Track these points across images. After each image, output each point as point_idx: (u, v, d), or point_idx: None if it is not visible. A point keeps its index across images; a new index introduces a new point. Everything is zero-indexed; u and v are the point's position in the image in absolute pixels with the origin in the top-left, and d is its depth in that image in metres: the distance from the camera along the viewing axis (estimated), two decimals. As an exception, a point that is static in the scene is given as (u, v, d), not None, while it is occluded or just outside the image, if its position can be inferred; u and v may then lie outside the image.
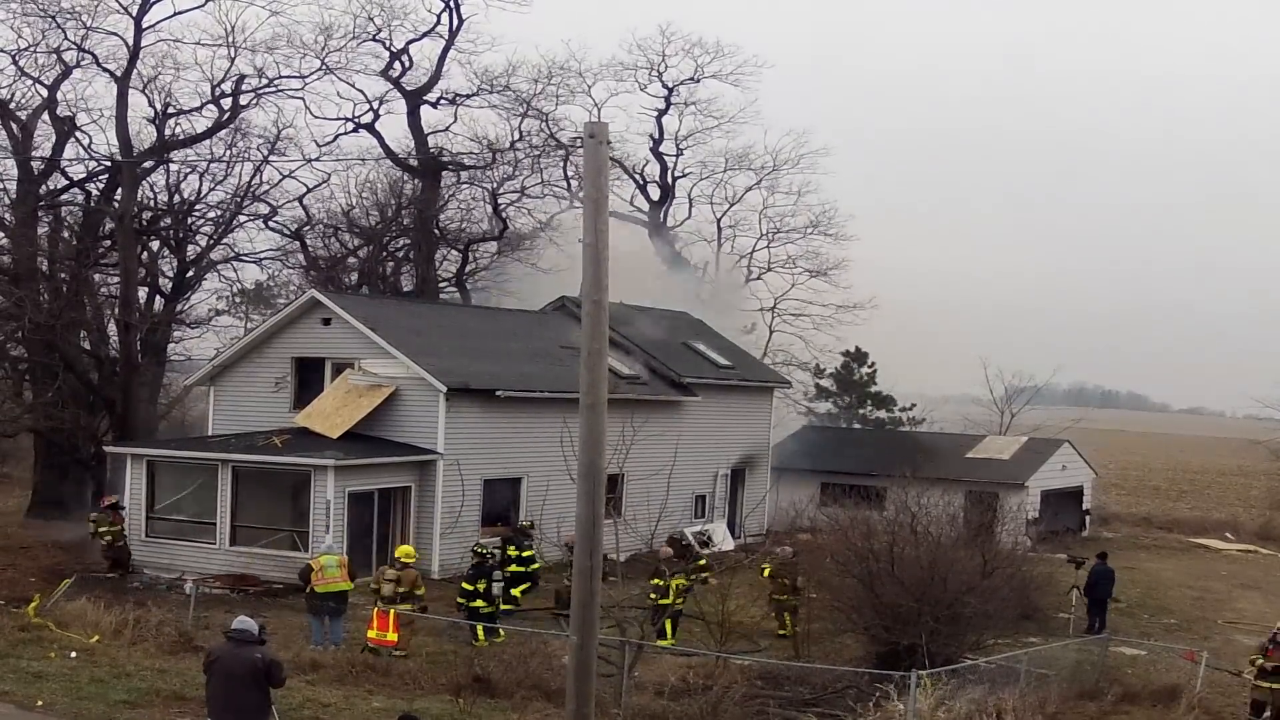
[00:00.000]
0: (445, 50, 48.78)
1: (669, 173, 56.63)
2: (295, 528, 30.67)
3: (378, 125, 49.69)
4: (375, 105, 49.34)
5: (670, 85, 54.89)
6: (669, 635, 24.31)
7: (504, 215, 53.11)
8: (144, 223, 45.30)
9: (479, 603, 24.67)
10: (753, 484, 43.16)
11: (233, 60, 43.73)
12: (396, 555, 25.33)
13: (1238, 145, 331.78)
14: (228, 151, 45.07)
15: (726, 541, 39.52)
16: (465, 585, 25.07)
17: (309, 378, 34.50)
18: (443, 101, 50.13)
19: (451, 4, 48.13)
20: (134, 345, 42.48)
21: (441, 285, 51.86)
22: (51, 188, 44.07)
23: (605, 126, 13.91)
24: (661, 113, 55.42)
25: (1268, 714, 20.59)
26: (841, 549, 24.39)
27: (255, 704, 14.51)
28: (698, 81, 54.91)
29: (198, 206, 46.29)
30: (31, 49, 41.47)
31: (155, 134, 44.10)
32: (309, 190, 49.20)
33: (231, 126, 44.97)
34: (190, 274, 46.54)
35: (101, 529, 31.54)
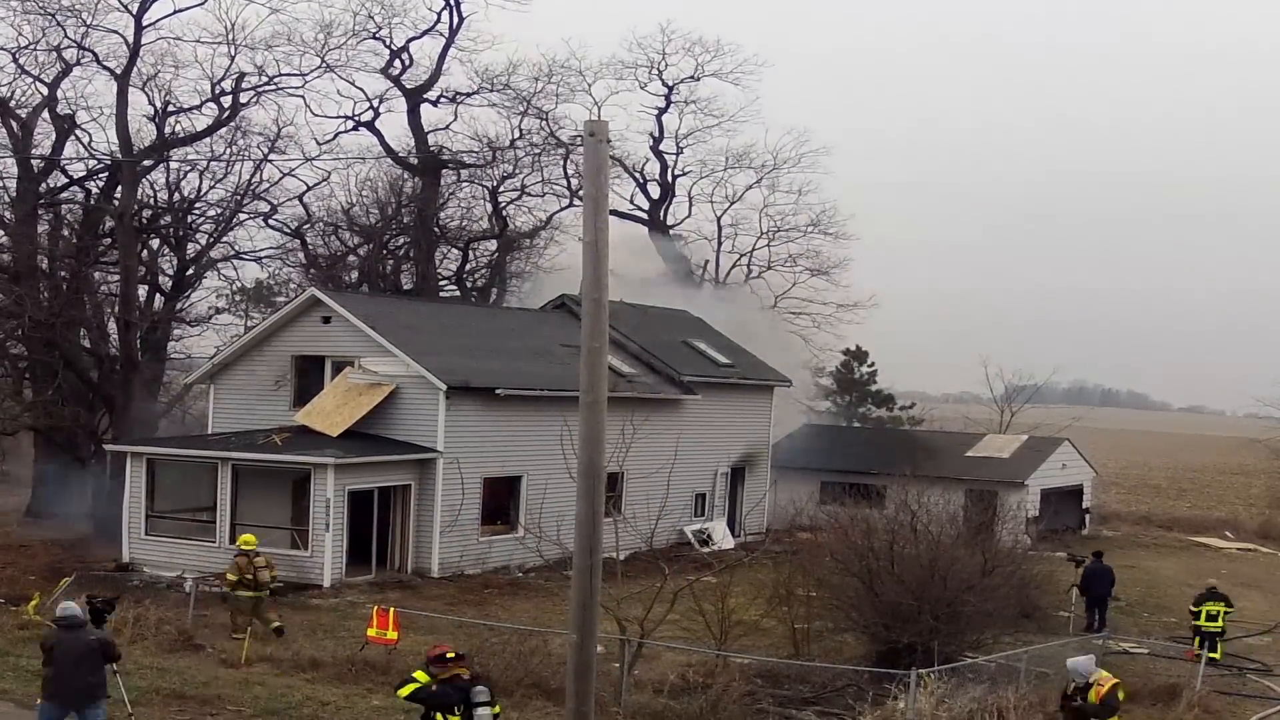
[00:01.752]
0: (445, 48, 48.89)
1: (669, 171, 56.67)
2: (295, 526, 30.71)
3: (378, 123, 49.84)
4: (375, 103, 49.48)
5: (670, 84, 54.96)
6: None
7: (504, 214, 53.18)
8: (144, 221, 45.31)
9: None
10: (753, 482, 43.15)
11: (233, 58, 43.84)
12: (242, 544, 25.13)
13: (1240, 143, 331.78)
14: (228, 149, 45.14)
15: (726, 540, 39.55)
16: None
17: (309, 376, 34.48)
18: (443, 100, 50.24)
19: (451, 2, 48.25)
20: (134, 343, 42.50)
21: (441, 284, 51.88)
22: (51, 185, 44.10)
23: (605, 125, 13.90)
24: (661, 111, 55.47)
25: None
26: (841, 547, 24.37)
27: (95, 684, 15.15)
28: (698, 80, 55.02)
29: (198, 204, 46.32)
30: (31, 46, 41.56)
31: (155, 132, 44.13)
32: (309, 188, 49.29)
33: (232, 124, 45.03)
34: (190, 272, 46.55)
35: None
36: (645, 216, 56.59)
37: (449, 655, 13.90)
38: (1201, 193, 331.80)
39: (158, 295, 45.97)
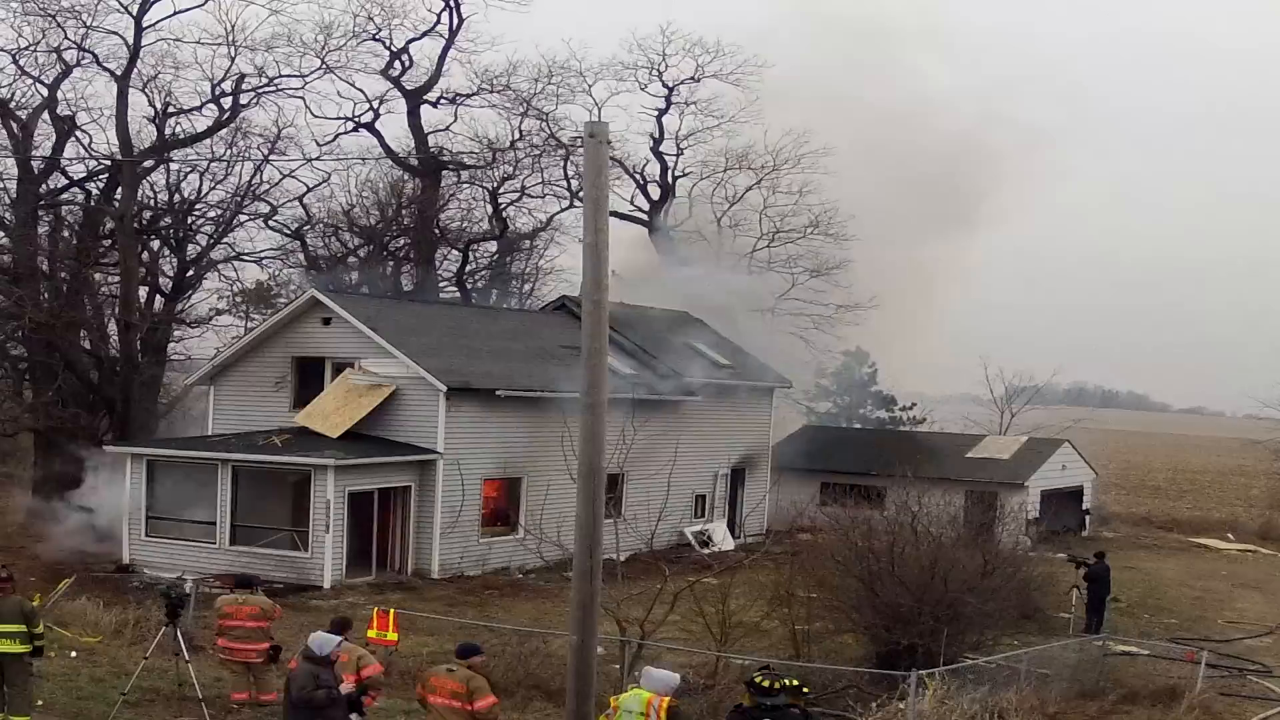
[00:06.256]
0: (445, 49, 48.89)
1: (669, 172, 56.55)
2: (295, 527, 30.71)
3: (378, 125, 49.83)
4: (375, 104, 49.47)
5: (670, 85, 54.79)
6: None
7: (504, 215, 53.17)
8: (144, 222, 45.34)
9: None
10: (753, 484, 43.13)
11: (233, 59, 43.86)
12: None
13: (1239, 140, 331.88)
14: (228, 151, 45.17)
15: (726, 541, 39.54)
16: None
17: (309, 377, 34.50)
18: (443, 101, 50.22)
19: (451, 3, 48.24)
20: (134, 345, 42.52)
21: (442, 285, 51.89)
22: (51, 187, 44.13)
23: (605, 126, 13.92)
24: (662, 112, 55.34)
25: None
26: (842, 549, 24.36)
27: None
28: (698, 81, 54.84)
29: (198, 206, 46.38)
30: (32, 48, 41.59)
31: (155, 133, 44.15)
32: (309, 189, 49.30)
33: (232, 126, 45.04)
34: (190, 273, 46.58)
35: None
36: (645, 217, 56.55)
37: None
38: (1206, 190, 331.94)
39: (158, 296, 45.99)
